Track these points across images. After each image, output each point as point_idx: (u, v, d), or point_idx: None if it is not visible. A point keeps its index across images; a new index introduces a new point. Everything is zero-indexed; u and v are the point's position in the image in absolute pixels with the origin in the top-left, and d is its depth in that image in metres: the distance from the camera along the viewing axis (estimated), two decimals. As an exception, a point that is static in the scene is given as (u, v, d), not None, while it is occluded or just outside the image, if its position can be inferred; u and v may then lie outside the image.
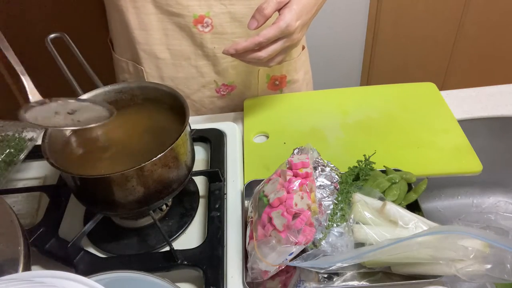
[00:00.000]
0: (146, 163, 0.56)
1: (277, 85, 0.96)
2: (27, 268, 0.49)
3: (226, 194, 0.71)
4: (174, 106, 0.67)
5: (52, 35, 0.70)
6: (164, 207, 0.70)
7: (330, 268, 0.56)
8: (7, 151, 0.75)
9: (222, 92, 0.92)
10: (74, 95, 0.70)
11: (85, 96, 0.69)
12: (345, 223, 0.59)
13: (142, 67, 0.88)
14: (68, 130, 0.67)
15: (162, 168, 0.59)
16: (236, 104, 0.95)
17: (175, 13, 0.79)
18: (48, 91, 0.71)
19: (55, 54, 0.69)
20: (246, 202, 0.69)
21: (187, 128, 0.63)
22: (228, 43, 0.77)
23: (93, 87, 0.71)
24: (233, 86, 0.92)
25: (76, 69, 0.71)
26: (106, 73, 0.81)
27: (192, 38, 0.82)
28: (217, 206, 0.68)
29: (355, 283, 0.58)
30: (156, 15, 0.80)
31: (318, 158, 0.66)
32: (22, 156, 0.76)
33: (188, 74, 0.88)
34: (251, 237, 0.58)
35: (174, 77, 0.89)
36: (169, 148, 0.58)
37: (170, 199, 0.70)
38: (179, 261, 0.60)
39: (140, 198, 0.59)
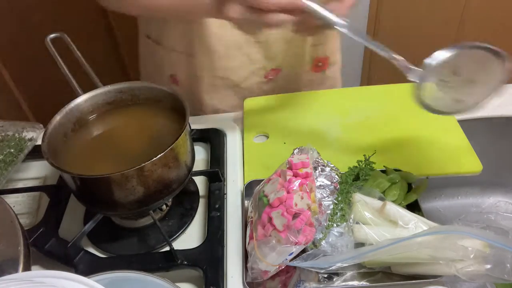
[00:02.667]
0: (146, 163, 0.56)
1: (320, 66, 0.97)
2: (27, 268, 0.49)
3: (226, 194, 0.71)
4: (174, 106, 0.67)
5: (52, 35, 0.70)
6: (164, 207, 0.70)
7: (330, 268, 0.56)
8: (7, 151, 0.75)
9: (270, 77, 0.94)
10: (74, 95, 0.70)
11: (85, 96, 0.69)
12: (345, 223, 0.59)
13: (195, 59, 0.89)
14: (68, 130, 0.67)
15: (162, 168, 0.59)
16: (280, 87, 0.96)
17: None
18: (48, 91, 0.71)
19: (54, 54, 0.69)
20: (246, 202, 0.69)
21: (187, 128, 0.63)
22: (282, 29, 0.77)
23: (93, 87, 0.71)
24: (279, 69, 0.93)
25: (76, 69, 0.71)
26: (106, 73, 0.80)
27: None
28: (217, 206, 0.68)
29: (355, 283, 0.58)
30: None
31: (318, 158, 0.66)
32: (22, 156, 0.76)
33: (239, 63, 0.90)
34: (251, 237, 0.58)
35: (226, 68, 0.90)
36: (169, 148, 0.58)
37: (170, 199, 0.70)
38: (179, 261, 0.60)
39: (140, 198, 0.59)
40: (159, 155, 0.57)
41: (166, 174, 0.60)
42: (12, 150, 0.75)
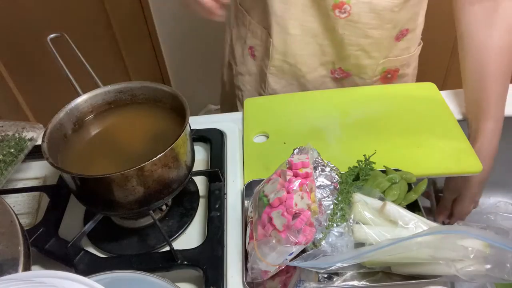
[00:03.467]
0: (146, 163, 0.56)
1: (389, 78, 0.97)
2: (27, 268, 0.49)
3: (226, 194, 0.71)
4: (174, 106, 0.67)
5: (52, 35, 0.70)
6: (164, 207, 0.70)
7: (330, 268, 0.56)
8: (7, 151, 0.75)
9: (336, 75, 0.93)
10: (74, 95, 0.70)
11: (85, 96, 0.69)
12: (345, 223, 0.59)
13: (271, 39, 0.89)
14: (68, 130, 0.67)
15: (162, 168, 0.59)
16: None
17: None
18: (48, 91, 0.71)
19: (55, 54, 0.69)
20: (246, 202, 0.69)
21: (187, 128, 0.63)
22: (359, 32, 0.83)
23: (93, 87, 0.71)
24: (349, 74, 0.93)
25: (76, 69, 0.71)
26: (106, 73, 0.80)
27: (326, 19, 0.83)
28: (217, 206, 0.68)
29: (355, 283, 0.58)
30: None
31: (318, 158, 0.66)
32: (22, 156, 0.76)
33: (311, 51, 0.90)
34: (251, 237, 0.58)
35: (298, 54, 0.90)
36: (169, 148, 0.58)
37: (170, 199, 0.70)
38: (179, 261, 0.60)
39: (140, 198, 0.59)
40: (159, 155, 0.57)
41: (166, 174, 0.60)
42: (12, 150, 0.75)
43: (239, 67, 1.02)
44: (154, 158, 0.56)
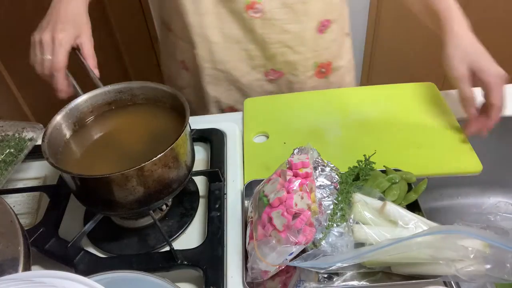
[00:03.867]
0: (146, 163, 0.56)
1: (323, 72, 0.97)
2: (27, 268, 0.49)
3: (226, 194, 0.71)
4: (174, 106, 0.67)
5: None
6: (164, 207, 0.70)
7: (330, 268, 0.56)
8: (7, 151, 0.75)
9: (270, 77, 0.94)
10: (74, 95, 0.70)
11: (85, 96, 0.69)
12: (345, 223, 0.59)
13: (196, 51, 0.90)
14: (68, 130, 0.67)
15: (162, 168, 0.59)
16: (283, 92, 0.97)
17: None
18: (48, 91, 0.71)
19: None
20: (246, 202, 0.69)
21: (187, 128, 0.63)
22: (276, 29, 0.84)
23: (93, 87, 0.71)
24: (281, 73, 0.93)
25: (75, 69, 0.71)
26: (106, 73, 0.80)
27: (243, 22, 0.84)
28: (217, 206, 0.68)
29: (355, 283, 0.58)
30: (211, 1, 0.83)
31: (318, 158, 0.66)
32: (22, 156, 0.76)
33: (238, 57, 0.90)
34: (251, 237, 0.58)
35: (225, 60, 0.91)
36: (169, 148, 0.58)
37: (170, 199, 0.70)
38: (179, 261, 0.60)
39: (140, 198, 0.59)
40: (159, 155, 0.57)
41: (166, 174, 0.60)
42: (12, 150, 0.75)
43: (178, 82, 1.02)
44: (154, 158, 0.56)
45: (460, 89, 0.76)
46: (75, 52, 0.72)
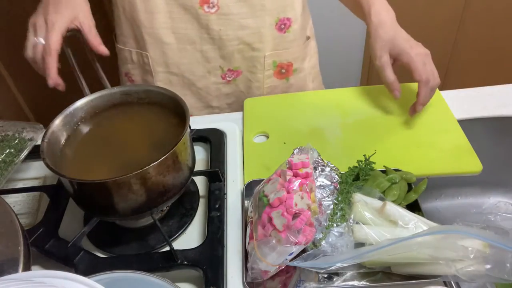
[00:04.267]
0: (147, 167, 0.56)
1: (284, 73, 0.95)
2: (27, 268, 0.49)
3: (226, 194, 0.71)
4: (177, 110, 0.67)
5: (68, 33, 0.69)
6: (164, 207, 0.70)
7: (330, 268, 0.56)
8: (7, 151, 0.75)
9: (227, 78, 0.92)
10: (74, 95, 0.70)
11: (91, 97, 0.69)
12: (345, 223, 0.59)
13: (147, 53, 0.87)
14: (70, 131, 0.67)
15: (163, 173, 0.58)
16: (241, 91, 0.95)
17: None
18: (48, 91, 0.71)
19: (68, 53, 0.68)
20: (246, 202, 0.69)
21: (188, 132, 0.63)
22: (234, 24, 0.82)
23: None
24: (239, 72, 0.91)
25: (83, 69, 0.70)
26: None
27: (197, 20, 0.82)
28: (217, 206, 0.68)
29: (355, 283, 0.58)
30: None
31: (318, 158, 0.66)
32: (22, 156, 0.76)
33: (193, 59, 0.88)
34: (251, 237, 0.58)
35: (179, 63, 0.88)
36: (169, 152, 0.57)
37: (170, 199, 0.70)
38: (179, 261, 0.60)
39: (142, 202, 0.59)
40: (159, 160, 0.56)
41: (167, 178, 0.60)
42: (12, 150, 0.75)
43: None
44: (154, 163, 0.56)
45: (383, 76, 0.80)
46: (78, 37, 0.70)
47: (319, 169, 0.65)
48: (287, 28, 0.88)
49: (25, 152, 0.77)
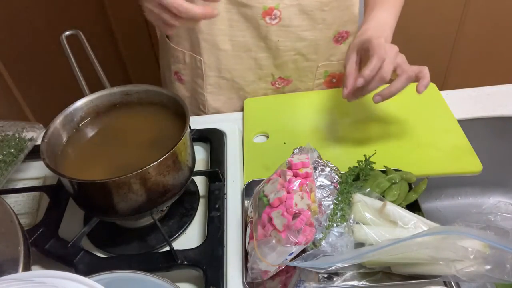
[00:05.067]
0: (147, 167, 0.56)
1: (334, 82, 0.96)
2: (27, 268, 0.49)
3: (226, 194, 0.71)
4: (176, 110, 0.67)
5: (68, 32, 0.68)
6: (164, 207, 0.70)
7: (330, 268, 0.56)
8: (7, 151, 0.75)
9: (277, 85, 0.93)
10: (73, 95, 0.70)
11: (91, 97, 0.69)
12: (345, 223, 0.59)
13: (201, 57, 0.88)
14: (70, 131, 0.67)
15: (163, 173, 0.58)
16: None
17: (244, 4, 0.80)
18: (48, 91, 0.71)
19: (68, 52, 0.68)
20: (246, 202, 0.69)
21: (188, 132, 0.63)
22: (292, 36, 0.83)
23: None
24: (289, 80, 0.92)
25: (82, 68, 0.70)
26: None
27: (257, 30, 0.83)
28: (217, 206, 0.68)
29: (355, 283, 0.58)
30: (225, 5, 0.81)
31: (318, 158, 0.66)
32: (22, 156, 0.76)
33: (246, 66, 0.89)
34: (251, 237, 0.58)
35: (232, 69, 0.89)
36: (169, 153, 0.57)
37: (170, 199, 0.70)
38: (179, 261, 0.60)
39: (142, 202, 0.59)
40: (159, 160, 0.56)
41: (167, 178, 0.60)
42: (12, 150, 0.75)
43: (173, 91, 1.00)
44: (154, 163, 0.56)
45: (345, 68, 0.73)
46: (78, 37, 0.70)
47: (319, 169, 0.65)
48: (344, 40, 0.90)
49: (25, 152, 0.77)
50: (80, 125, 0.69)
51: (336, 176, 0.65)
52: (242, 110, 0.92)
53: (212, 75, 0.90)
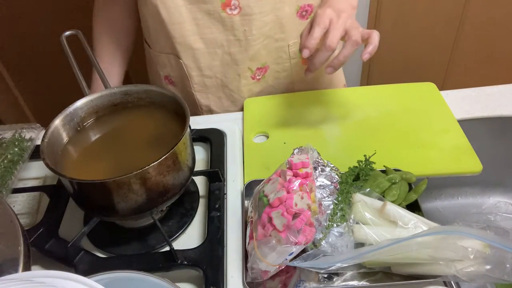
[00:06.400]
0: (147, 167, 0.56)
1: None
2: (27, 268, 0.49)
3: (226, 194, 0.71)
4: (177, 110, 0.67)
5: (68, 33, 0.69)
6: (164, 207, 0.70)
7: (330, 268, 0.56)
8: (13, 151, 0.75)
9: (257, 77, 0.93)
10: (73, 95, 0.70)
11: (91, 97, 0.69)
12: (345, 223, 0.59)
13: (181, 60, 0.89)
14: (71, 131, 0.67)
15: (163, 173, 0.58)
16: (271, 85, 0.95)
17: (202, 1, 0.80)
18: (48, 91, 0.71)
19: (68, 52, 0.68)
20: (246, 202, 0.69)
21: (188, 132, 0.63)
22: (258, 24, 0.82)
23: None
24: (266, 67, 0.92)
25: (81, 67, 0.70)
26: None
27: (222, 23, 0.83)
28: (217, 206, 0.68)
29: (355, 283, 0.58)
30: (185, 7, 0.81)
31: (318, 158, 0.66)
32: (26, 155, 0.76)
33: (224, 62, 0.89)
34: (251, 237, 0.58)
35: (211, 65, 0.89)
36: (169, 152, 0.57)
37: (170, 199, 0.70)
38: (179, 261, 0.60)
39: (142, 202, 0.59)
40: (159, 160, 0.56)
41: (167, 178, 0.60)
42: (17, 149, 0.76)
43: None
44: (154, 163, 0.56)
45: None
46: (78, 37, 0.70)
47: (319, 169, 0.65)
48: (309, 14, 0.88)
49: (29, 152, 0.77)
50: (80, 125, 0.69)
51: (336, 176, 0.65)
52: (234, 111, 0.92)
53: (195, 75, 0.91)
